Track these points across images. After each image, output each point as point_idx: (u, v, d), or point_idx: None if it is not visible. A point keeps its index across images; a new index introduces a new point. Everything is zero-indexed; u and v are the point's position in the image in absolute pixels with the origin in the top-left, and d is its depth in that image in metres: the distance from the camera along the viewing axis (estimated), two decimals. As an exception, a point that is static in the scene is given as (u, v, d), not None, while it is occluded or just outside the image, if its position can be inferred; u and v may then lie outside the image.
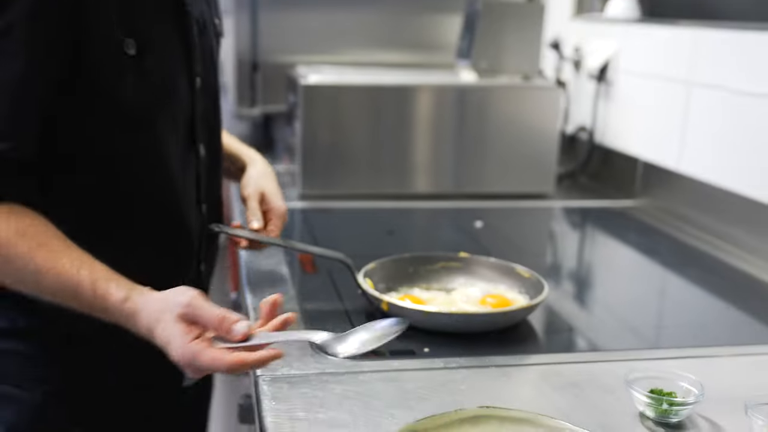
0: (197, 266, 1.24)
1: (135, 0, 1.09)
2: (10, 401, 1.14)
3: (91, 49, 1.05)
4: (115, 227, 1.13)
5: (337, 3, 2.26)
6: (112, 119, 1.09)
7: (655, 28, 1.91)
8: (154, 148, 1.14)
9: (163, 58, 1.14)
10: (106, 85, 1.07)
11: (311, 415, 0.85)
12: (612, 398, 0.92)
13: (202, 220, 1.23)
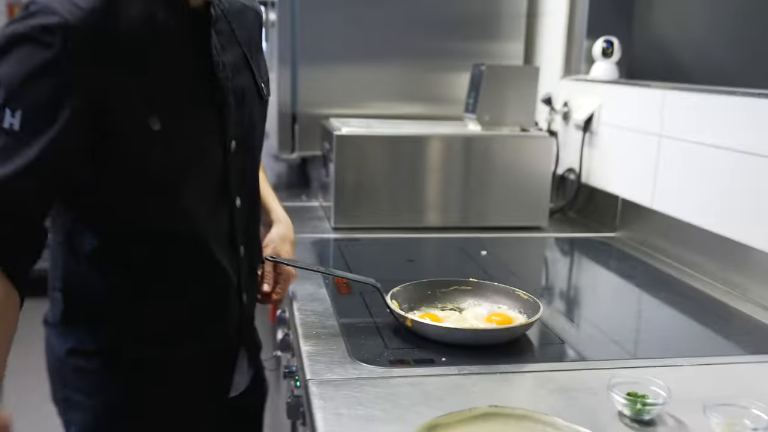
0: (239, 298, 1.20)
1: (159, 79, 1.03)
2: (80, 407, 1.14)
3: (117, 127, 1.00)
4: (152, 279, 1.10)
5: (362, 62, 2.25)
6: (139, 186, 1.05)
7: (631, 89, 1.87)
8: (181, 208, 1.09)
9: (191, 128, 1.08)
10: (133, 156, 1.03)
11: (352, 412, 0.89)
12: (595, 400, 0.94)
13: (239, 260, 1.18)
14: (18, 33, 0.93)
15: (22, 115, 0.92)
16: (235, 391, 1.24)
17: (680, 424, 0.89)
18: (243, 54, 1.18)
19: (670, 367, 1.06)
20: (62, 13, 0.93)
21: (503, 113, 1.94)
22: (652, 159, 1.74)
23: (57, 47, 0.92)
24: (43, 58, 0.92)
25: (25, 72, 0.92)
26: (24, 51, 0.92)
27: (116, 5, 0.97)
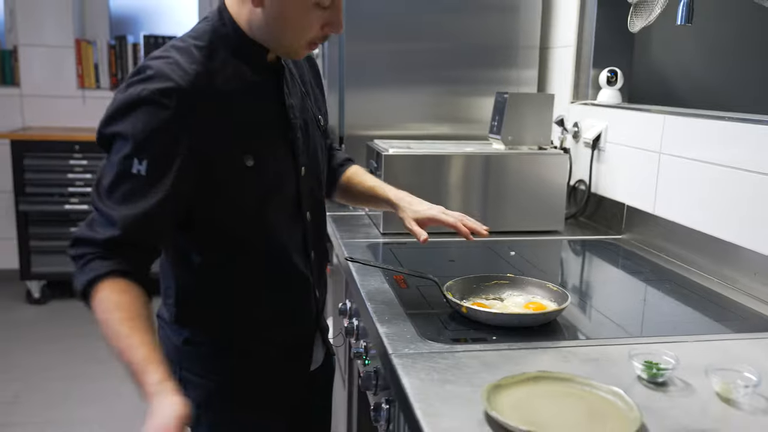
0: (314, 293, 1.35)
1: (248, 124, 1.15)
2: (195, 385, 1.26)
3: (219, 166, 1.12)
4: (248, 281, 1.24)
5: (399, 88, 2.38)
6: (235, 210, 1.18)
7: (633, 113, 1.97)
8: (266, 225, 1.21)
9: (273, 161, 1.20)
10: (231, 188, 1.15)
11: (429, 377, 1.03)
12: (617, 367, 1.08)
13: (311, 263, 1.32)
14: (141, 96, 1.06)
15: (148, 163, 1.05)
16: (314, 365, 1.41)
17: (687, 385, 1.03)
18: (303, 93, 1.31)
19: (675, 343, 1.18)
20: (175, 78, 1.07)
21: (523, 134, 2.06)
22: (653, 172, 1.86)
23: (173, 108, 1.06)
24: (162, 117, 1.06)
25: (148, 128, 1.05)
26: (147, 111, 1.05)
27: (214, 69, 1.13)
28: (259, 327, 1.30)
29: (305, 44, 1.17)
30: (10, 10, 4.28)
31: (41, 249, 4.02)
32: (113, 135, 1.08)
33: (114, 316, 1.02)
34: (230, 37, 1.16)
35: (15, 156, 3.91)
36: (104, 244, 1.06)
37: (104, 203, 1.08)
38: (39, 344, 3.53)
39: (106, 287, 1.04)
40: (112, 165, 1.08)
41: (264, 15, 1.12)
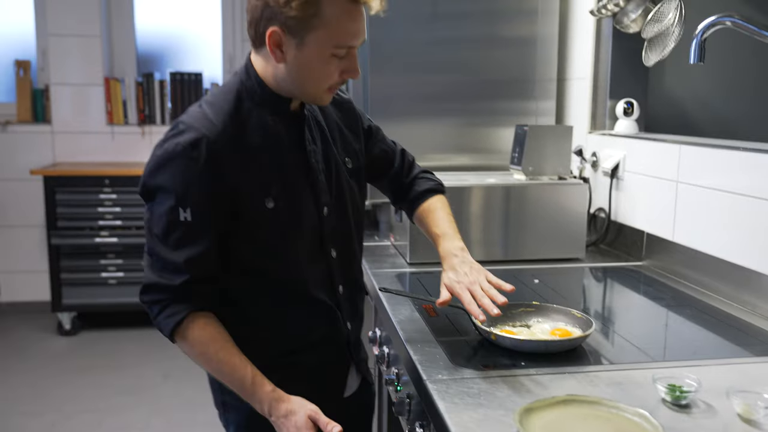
0: (344, 326, 1.41)
1: (272, 169, 1.26)
2: (236, 408, 1.36)
3: (243, 208, 1.24)
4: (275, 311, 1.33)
5: (421, 120, 2.45)
6: (259, 247, 1.28)
7: (650, 143, 2.03)
8: (286, 259, 1.30)
9: (294, 202, 1.29)
10: (254, 228, 1.25)
11: (463, 401, 1.09)
12: (642, 390, 1.13)
13: (338, 297, 1.38)
14: (175, 151, 1.18)
15: (192, 210, 1.19)
16: (348, 392, 1.48)
17: (710, 407, 1.08)
18: (328, 138, 1.39)
19: (697, 367, 1.23)
20: (203, 130, 1.19)
21: (543, 165, 2.12)
22: (671, 200, 1.91)
23: (202, 158, 1.18)
24: (194, 169, 1.18)
25: (185, 180, 1.18)
26: (181, 164, 1.18)
27: (240, 120, 1.25)
28: (290, 354, 1.37)
29: (326, 90, 1.27)
30: (43, 50, 4.46)
31: (72, 281, 4.13)
32: (156, 188, 1.21)
33: (209, 349, 1.20)
34: (255, 90, 1.27)
35: (47, 191, 4.05)
36: (177, 289, 1.20)
37: (162, 250, 1.21)
38: (71, 375, 3.62)
39: (192, 327, 1.20)
40: (160, 216, 1.20)
41: (287, 69, 1.23)
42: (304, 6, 1.14)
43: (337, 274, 1.39)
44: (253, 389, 1.21)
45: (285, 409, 1.20)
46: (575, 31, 2.51)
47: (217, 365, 1.22)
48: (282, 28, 1.17)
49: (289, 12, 1.14)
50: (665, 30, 1.87)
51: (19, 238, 4.49)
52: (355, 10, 1.19)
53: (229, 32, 4.65)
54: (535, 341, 1.33)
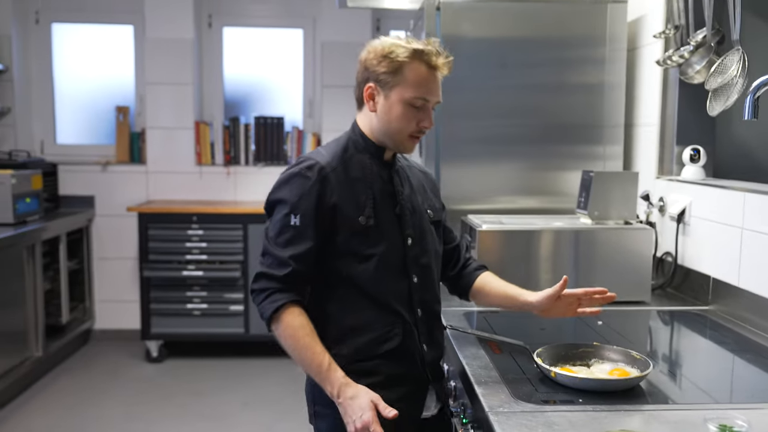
0: (420, 346, 1.60)
1: (367, 197, 1.55)
2: (323, 417, 1.57)
3: (340, 222, 1.52)
4: (360, 322, 1.56)
5: (490, 163, 2.56)
6: (349, 261, 1.54)
7: (715, 189, 2.08)
8: (374, 277, 1.54)
9: (382, 226, 1.56)
10: (347, 241, 1.53)
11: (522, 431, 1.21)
12: (695, 430, 1.20)
13: (416, 318, 1.59)
14: (294, 173, 1.54)
15: (300, 217, 1.50)
16: (426, 412, 1.63)
17: (759, 448, 1.15)
18: (414, 190, 1.68)
19: (752, 410, 1.28)
20: (317, 159, 1.56)
21: (609, 209, 2.19)
22: (737, 246, 1.95)
23: (314, 177, 1.52)
24: (307, 184, 1.52)
25: (299, 192, 1.51)
26: (297, 182, 1.53)
27: (346, 159, 1.58)
28: (374, 366, 1.55)
29: (407, 137, 1.57)
30: (141, 97, 4.85)
31: (161, 311, 4.41)
32: (277, 201, 1.54)
33: (298, 333, 1.47)
34: (359, 140, 1.61)
35: (141, 227, 4.37)
36: (282, 279, 1.49)
37: (273, 248, 1.51)
38: (157, 399, 3.86)
39: (288, 314, 1.48)
40: (276, 222, 1.52)
41: (377, 117, 1.56)
42: (391, 66, 1.50)
43: (416, 297, 1.60)
44: (328, 374, 1.46)
45: (351, 392, 1.44)
46: (642, 78, 2.59)
47: (302, 349, 1.47)
48: (375, 84, 1.53)
49: (380, 70, 1.51)
50: (728, 81, 1.94)
51: (114, 270, 4.83)
52: (429, 74, 1.52)
53: (309, 79, 4.92)
54: (592, 379, 1.41)
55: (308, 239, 1.50)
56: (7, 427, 3.46)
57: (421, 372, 1.61)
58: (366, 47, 1.56)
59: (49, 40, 4.82)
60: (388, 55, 1.50)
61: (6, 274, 3.69)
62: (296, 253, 1.49)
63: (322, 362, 1.46)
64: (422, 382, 1.62)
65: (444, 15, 2.51)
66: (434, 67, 1.51)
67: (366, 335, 1.56)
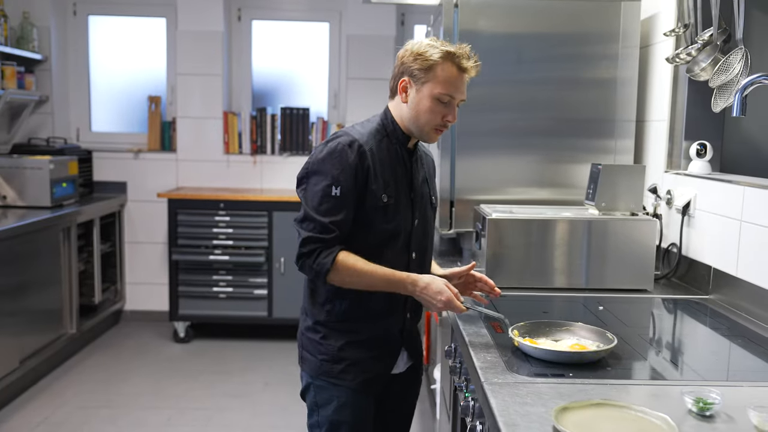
0: (404, 314, 1.81)
1: (389, 177, 1.72)
2: (309, 362, 1.81)
3: (367, 195, 1.69)
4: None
5: (503, 156, 2.66)
6: (364, 229, 1.71)
7: (718, 183, 2.15)
8: (380, 247, 1.72)
9: (398, 205, 1.74)
10: (370, 214, 1.70)
11: (513, 400, 1.29)
12: (675, 402, 1.29)
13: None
14: (336, 148, 1.68)
15: (341, 189, 1.66)
16: (396, 370, 1.85)
17: (731, 419, 1.23)
18: (426, 178, 1.87)
19: (732, 387, 1.39)
20: (356, 136, 1.71)
21: (616, 201, 2.28)
22: (735, 238, 2.03)
23: (355, 153, 1.67)
24: (347, 161, 1.67)
25: (340, 168, 1.66)
26: (340, 157, 1.67)
27: (377, 139, 1.74)
28: (358, 320, 1.76)
29: (432, 130, 1.74)
30: (172, 87, 5.02)
31: (188, 294, 4.59)
32: (315, 171, 1.68)
33: (358, 265, 1.66)
34: (389, 125, 1.78)
35: (170, 212, 4.54)
36: (330, 242, 1.66)
37: (317, 215, 1.66)
38: (184, 377, 4.03)
39: (342, 258, 1.66)
40: (317, 192, 1.67)
41: (408, 108, 1.73)
42: (424, 64, 1.67)
43: (411, 272, 1.75)
44: (397, 279, 1.67)
45: (423, 282, 1.67)
46: (654, 75, 2.66)
47: (366, 275, 1.66)
48: (409, 78, 1.70)
49: (414, 66, 1.68)
50: (732, 79, 2.01)
51: (145, 254, 5.02)
52: (458, 74, 1.69)
53: (335, 72, 5.04)
54: (549, 350, 1.54)
55: (346, 208, 1.66)
56: (41, 399, 3.66)
57: (398, 337, 1.83)
58: (405, 46, 1.75)
59: (86, 31, 5.01)
60: (423, 54, 1.67)
61: (44, 254, 3.89)
62: (337, 220, 1.65)
63: (384, 276, 1.67)
64: (397, 345, 1.84)
65: (462, 11, 2.60)
66: (463, 69, 1.68)
67: (358, 302, 1.74)
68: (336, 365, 1.76)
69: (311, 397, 1.81)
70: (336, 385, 1.76)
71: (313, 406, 1.80)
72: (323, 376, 1.78)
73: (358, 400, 1.78)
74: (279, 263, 4.54)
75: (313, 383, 1.80)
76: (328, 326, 1.78)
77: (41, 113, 4.85)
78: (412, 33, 4.98)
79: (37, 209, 4.04)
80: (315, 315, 1.79)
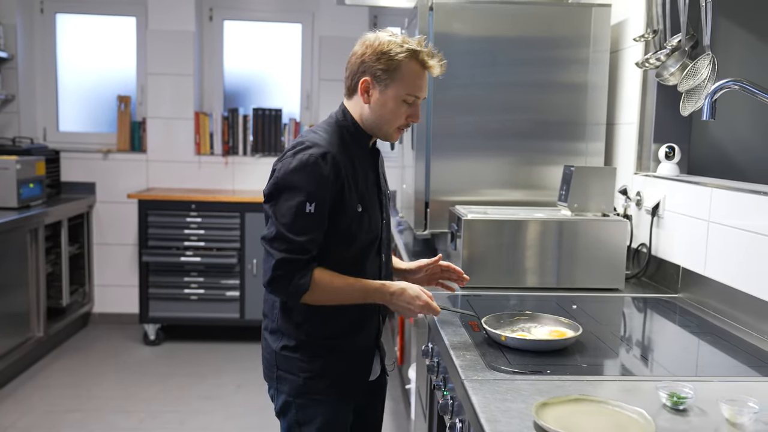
0: (378, 319, 1.80)
1: (360, 183, 1.68)
2: (288, 381, 1.73)
3: (340, 208, 1.63)
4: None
5: (477, 158, 2.68)
6: (342, 242, 1.66)
7: (686, 185, 2.20)
8: (356, 257, 1.70)
9: (371, 211, 1.72)
10: (345, 226, 1.65)
11: (494, 396, 1.31)
12: (649, 396, 1.32)
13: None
14: (308, 161, 1.58)
15: (316, 205, 1.58)
16: (373, 376, 1.85)
17: (703, 412, 1.27)
18: (383, 173, 1.86)
19: (703, 382, 1.42)
20: (327, 147, 1.62)
21: (588, 202, 2.33)
22: (703, 238, 2.08)
23: (329, 166, 1.59)
24: (321, 175, 1.58)
25: (316, 181, 1.58)
26: (314, 170, 1.58)
27: (344, 145, 1.68)
28: (336, 336, 1.73)
29: (396, 130, 1.70)
30: (142, 87, 4.96)
31: (158, 296, 4.54)
32: (287, 187, 1.58)
33: (335, 280, 1.62)
34: (350, 127, 1.71)
35: (141, 213, 4.49)
36: (305, 262, 1.59)
37: (291, 234, 1.58)
38: (155, 380, 3.99)
39: (317, 277, 1.61)
40: (290, 208, 1.58)
41: (370, 110, 1.68)
42: (389, 64, 1.61)
43: (383, 274, 1.79)
44: (374, 289, 1.65)
45: (395, 289, 1.66)
46: (624, 79, 2.71)
47: (345, 289, 1.63)
48: (371, 78, 1.63)
49: (377, 66, 1.61)
50: (699, 84, 2.07)
51: (114, 255, 4.95)
52: (423, 73, 1.65)
53: (307, 73, 5.04)
54: (539, 341, 1.61)
55: (322, 225, 1.60)
56: (8, 404, 3.58)
57: (373, 343, 1.82)
58: (361, 40, 1.66)
59: (53, 29, 4.92)
60: (387, 53, 1.60)
61: (10, 256, 3.81)
62: (312, 238, 1.59)
63: (361, 289, 1.64)
64: (372, 350, 1.82)
65: (437, 15, 2.63)
66: (428, 67, 1.64)
67: (336, 314, 1.69)
68: (320, 381, 1.71)
69: (292, 416, 1.74)
70: (319, 401, 1.72)
71: (294, 424, 1.74)
72: (307, 394, 1.71)
73: (341, 413, 1.75)
74: (251, 264, 4.52)
75: (294, 402, 1.73)
76: (310, 344, 1.71)
77: (7, 112, 4.76)
78: (384, 35, 4.99)
79: (4, 210, 3.96)
80: (293, 335, 1.71)
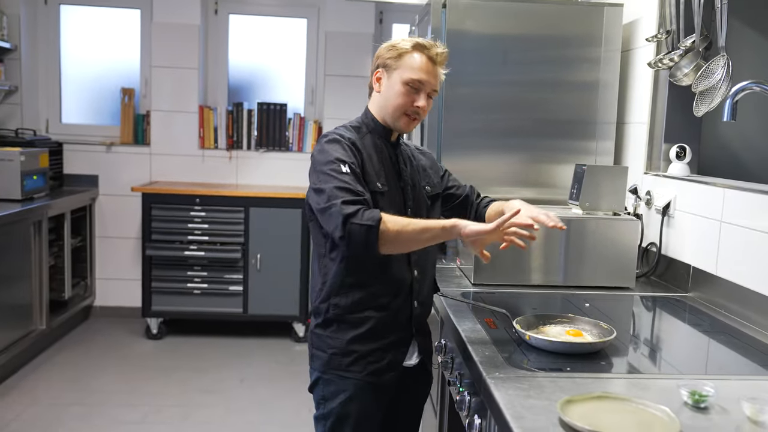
0: (411, 301, 1.84)
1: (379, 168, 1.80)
2: (317, 358, 1.84)
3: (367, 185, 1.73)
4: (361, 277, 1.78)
5: (488, 155, 2.69)
6: None
7: (698, 185, 2.22)
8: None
9: (392, 194, 1.82)
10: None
11: (516, 393, 1.33)
12: (670, 394, 1.34)
13: (413, 278, 1.84)
14: (332, 139, 1.77)
15: (348, 166, 1.70)
16: (407, 362, 1.87)
17: (725, 410, 1.29)
18: (416, 169, 1.94)
19: (720, 380, 1.43)
20: (347, 135, 1.80)
21: (599, 201, 2.34)
22: (715, 238, 2.10)
23: (348, 145, 1.76)
24: (346, 147, 1.75)
25: (341, 150, 1.74)
26: (339, 145, 1.76)
27: (361, 135, 1.84)
28: (365, 318, 1.80)
29: (403, 115, 1.81)
30: (146, 80, 4.95)
31: (161, 290, 4.54)
32: (320, 161, 1.73)
33: (404, 221, 1.65)
34: (370, 122, 1.88)
35: (144, 207, 4.49)
36: (367, 201, 1.67)
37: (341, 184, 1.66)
38: (158, 374, 3.99)
39: (386, 221, 1.62)
40: (328, 173, 1.69)
41: (381, 97, 1.84)
42: (395, 53, 1.80)
43: (413, 259, 1.84)
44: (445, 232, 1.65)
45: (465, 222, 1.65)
46: (635, 79, 2.73)
47: (416, 229, 1.64)
48: (382, 68, 1.83)
49: (386, 56, 1.81)
50: (713, 85, 2.08)
51: (116, 248, 4.95)
52: (426, 62, 1.79)
53: (312, 68, 5.04)
54: (560, 342, 1.59)
55: (361, 181, 1.72)
56: (11, 397, 3.59)
57: (407, 325, 1.85)
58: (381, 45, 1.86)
59: (57, 21, 4.91)
60: (395, 45, 1.81)
61: (14, 248, 3.81)
62: (360, 188, 1.67)
63: (435, 228, 1.65)
64: (407, 335, 1.86)
65: (450, 12, 2.64)
66: (431, 58, 1.79)
67: (364, 290, 1.78)
68: (345, 358, 1.80)
69: (319, 391, 1.84)
70: (344, 378, 1.80)
71: (321, 399, 1.84)
72: (332, 369, 1.81)
73: (366, 393, 1.81)
74: (255, 259, 4.53)
75: (321, 377, 1.83)
76: (336, 320, 1.81)
77: (10, 104, 4.74)
78: (390, 31, 5.01)
79: (8, 202, 3.95)
80: (322, 312, 1.83)
